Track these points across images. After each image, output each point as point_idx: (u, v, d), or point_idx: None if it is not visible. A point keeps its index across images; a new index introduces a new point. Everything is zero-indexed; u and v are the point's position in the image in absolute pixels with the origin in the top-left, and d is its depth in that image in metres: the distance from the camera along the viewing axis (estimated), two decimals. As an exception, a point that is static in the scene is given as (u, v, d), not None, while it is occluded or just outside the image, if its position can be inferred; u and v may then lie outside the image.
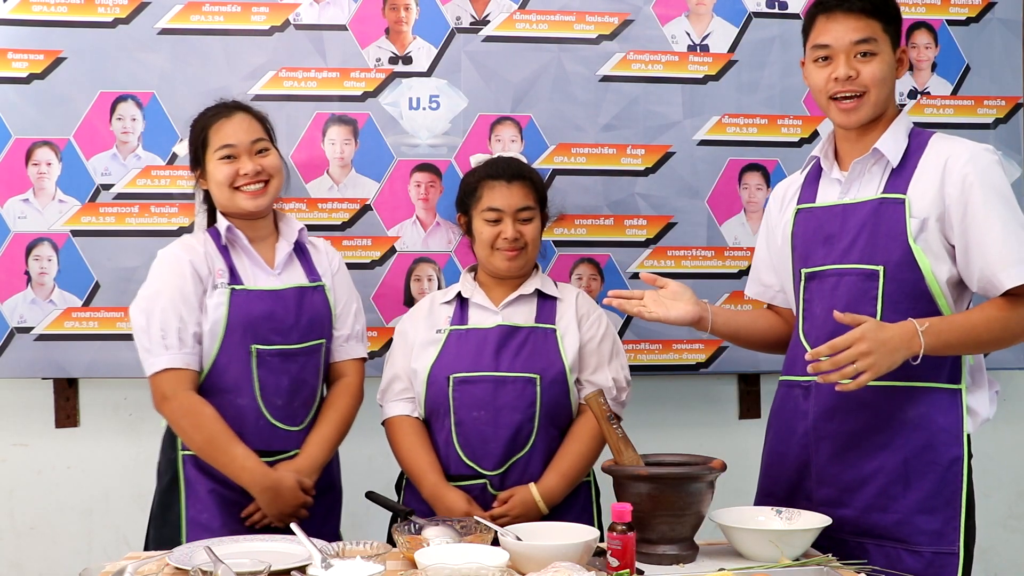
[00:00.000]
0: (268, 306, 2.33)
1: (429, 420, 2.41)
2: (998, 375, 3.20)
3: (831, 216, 2.14)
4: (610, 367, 2.45)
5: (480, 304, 2.44)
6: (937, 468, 2.02)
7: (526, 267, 2.46)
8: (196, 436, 2.26)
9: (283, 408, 2.33)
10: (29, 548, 2.98)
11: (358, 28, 2.94)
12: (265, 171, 2.35)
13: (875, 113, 2.11)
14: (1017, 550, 3.31)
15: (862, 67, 2.08)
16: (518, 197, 2.42)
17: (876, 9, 2.09)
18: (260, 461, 2.27)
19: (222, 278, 2.31)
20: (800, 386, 2.16)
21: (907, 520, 2.02)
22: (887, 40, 2.10)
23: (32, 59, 2.84)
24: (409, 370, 2.42)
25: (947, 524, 2.01)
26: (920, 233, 2.02)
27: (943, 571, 2.00)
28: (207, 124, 2.38)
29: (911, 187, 2.05)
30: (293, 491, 2.26)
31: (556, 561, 1.72)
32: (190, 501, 2.30)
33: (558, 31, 3.00)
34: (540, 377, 2.35)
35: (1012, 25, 3.13)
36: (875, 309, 2.02)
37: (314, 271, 2.44)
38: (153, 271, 2.35)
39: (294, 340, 2.35)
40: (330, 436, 2.38)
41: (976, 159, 2.02)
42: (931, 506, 2.02)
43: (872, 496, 2.05)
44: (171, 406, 2.27)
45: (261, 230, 2.41)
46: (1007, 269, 1.95)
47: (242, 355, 2.30)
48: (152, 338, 2.27)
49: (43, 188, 2.85)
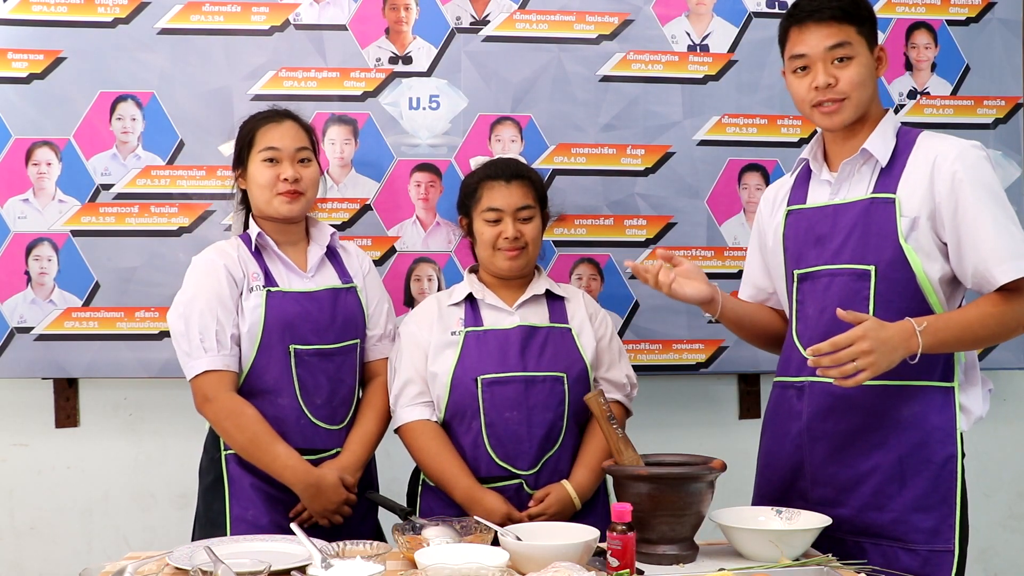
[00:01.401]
0: (304, 307, 2.37)
1: (451, 423, 2.39)
2: (998, 375, 3.23)
3: (822, 217, 2.14)
4: (621, 364, 2.48)
5: (494, 305, 2.44)
6: (932, 466, 2.03)
7: (528, 267, 2.46)
8: (239, 436, 2.29)
9: (323, 407, 2.37)
10: (29, 548, 2.98)
11: (358, 28, 2.94)
12: (303, 181, 2.39)
13: (857, 114, 2.11)
14: (1017, 550, 3.31)
15: (840, 73, 2.09)
16: (518, 196, 2.42)
17: (847, 14, 2.09)
18: (302, 459, 2.29)
19: (257, 280, 2.36)
20: (794, 387, 2.18)
21: (903, 519, 2.03)
22: (863, 42, 2.10)
23: (32, 59, 2.84)
24: (425, 373, 2.40)
25: (943, 522, 2.02)
26: (911, 232, 2.03)
27: (939, 569, 2.01)
28: (256, 126, 2.42)
29: (901, 186, 2.05)
30: (336, 488, 2.29)
31: (556, 561, 1.72)
32: (234, 499, 2.33)
33: (558, 31, 3.00)
34: (566, 375, 2.36)
35: (1012, 25, 3.13)
36: (868, 309, 2.03)
37: (346, 273, 2.48)
38: (188, 277, 2.38)
39: (330, 340, 2.38)
40: (371, 433, 2.41)
41: (964, 156, 2.02)
42: (926, 504, 2.02)
43: (868, 495, 2.06)
44: (213, 407, 2.30)
45: (293, 235, 2.45)
46: (1000, 265, 1.96)
47: (281, 355, 2.33)
48: (191, 342, 2.30)
49: (43, 188, 2.85)
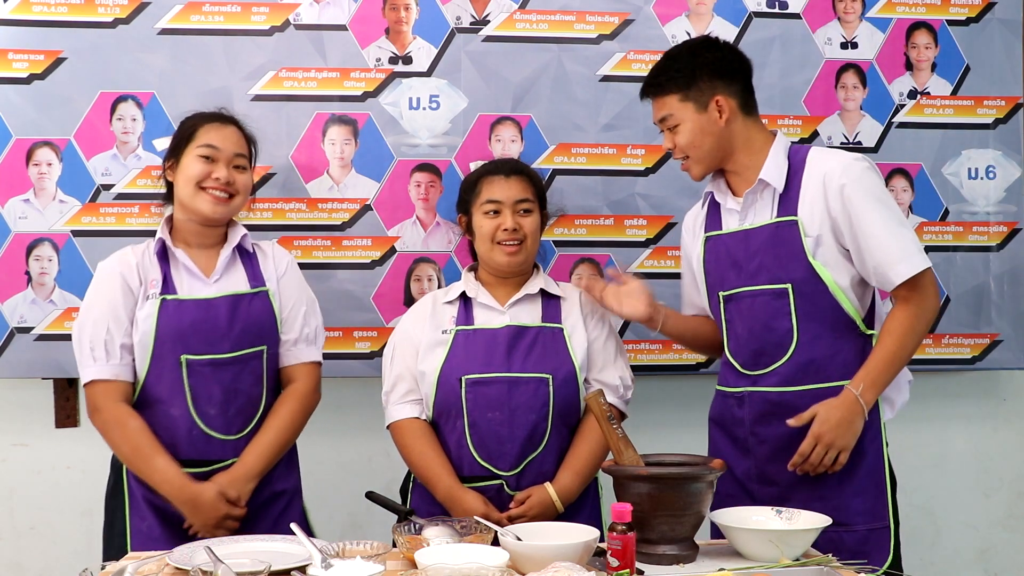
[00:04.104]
0: (197, 316, 2.32)
1: (438, 422, 2.40)
2: (998, 375, 3.24)
3: (736, 242, 2.33)
4: (616, 365, 2.47)
5: (485, 304, 2.44)
6: (864, 456, 2.23)
7: (526, 263, 2.46)
8: (123, 447, 2.30)
9: (217, 417, 2.32)
10: (29, 548, 2.98)
11: (358, 28, 2.94)
12: (235, 185, 2.37)
13: (705, 165, 2.32)
14: (1017, 550, 3.31)
15: (675, 139, 2.31)
16: (517, 190, 2.43)
17: (662, 87, 2.31)
18: (181, 473, 2.27)
19: (154, 288, 2.34)
20: (734, 396, 2.35)
21: (843, 505, 2.20)
22: (689, 107, 2.28)
23: (32, 59, 2.84)
24: (415, 371, 2.41)
25: (876, 501, 2.23)
26: (817, 248, 2.22)
27: (878, 545, 2.21)
28: (199, 123, 2.40)
29: (800, 208, 2.24)
30: (213, 503, 2.25)
31: (556, 561, 1.72)
32: (133, 510, 2.33)
33: (558, 31, 3.00)
34: (552, 377, 2.35)
35: (1012, 25, 3.13)
36: (791, 322, 2.24)
37: (258, 276, 2.42)
38: (90, 285, 2.39)
39: (225, 349, 2.33)
40: (268, 444, 2.34)
41: (848, 170, 2.21)
42: (861, 488, 2.23)
43: (811, 489, 2.23)
44: (101, 417, 2.31)
45: (210, 238, 2.41)
46: (895, 267, 2.18)
47: (172, 365, 2.30)
48: (82, 351, 2.33)
49: (43, 188, 2.85)
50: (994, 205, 3.13)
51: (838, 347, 2.24)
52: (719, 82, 2.29)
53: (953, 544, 3.28)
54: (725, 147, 2.31)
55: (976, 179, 3.13)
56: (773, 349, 2.26)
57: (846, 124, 3.09)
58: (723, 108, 2.28)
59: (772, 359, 2.27)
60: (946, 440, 3.27)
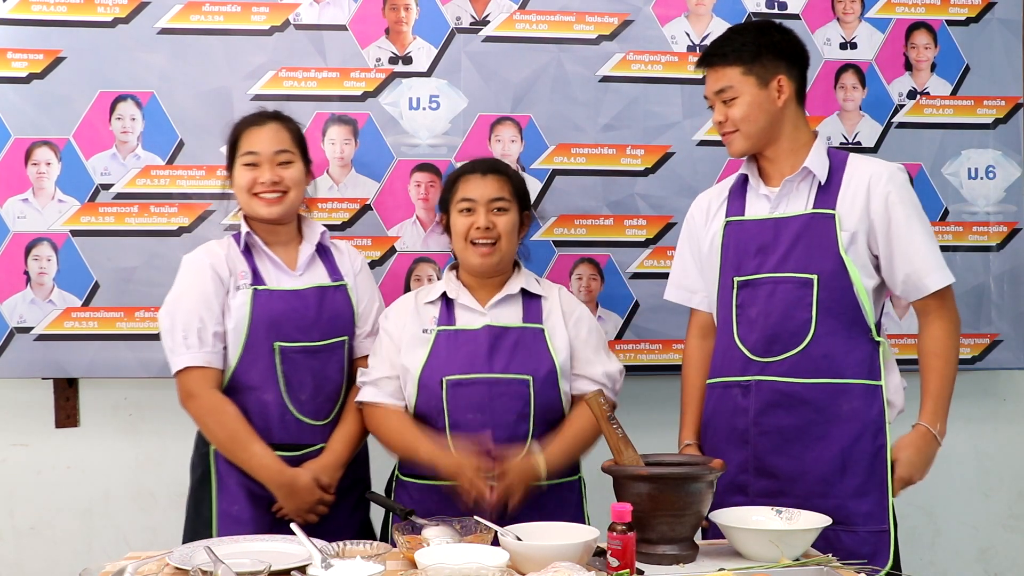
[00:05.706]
0: (289, 305, 2.39)
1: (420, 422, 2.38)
2: (998, 375, 3.24)
3: (763, 228, 2.33)
4: (599, 359, 2.44)
5: (466, 305, 2.42)
6: (867, 457, 2.24)
7: (501, 264, 2.44)
8: (218, 433, 2.35)
9: (308, 403, 2.39)
10: (29, 548, 2.98)
11: (358, 28, 2.94)
12: (283, 182, 2.41)
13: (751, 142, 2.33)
14: (1017, 550, 3.31)
15: (728, 111, 2.31)
16: (492, 188, 2.42)
17: (726, 57, 2.31)
18: (277, 458, 2.32)
19: (244, 279, 2.39)
20: (739, 385, 2.33)
21: (843, 504, 2.21)
22: (751, 82, 2.30)
23: (32, 59, 2.84)
24: (398, 366, 2.39)
25: (878, 505, 2.24)
26: (850, 245, 2.26)
27: (878, 547, 2.22)
28: (240, 130, 2.46)
29: (839, 203, 2.27)
30: (309, 489, 2.32)
31: (556, 561, 1.72)
32: (221, 495, 2.37)
33: (558, 31, 3.00)
34: (532, 378, 2.34)
35: (1012, 25, 3.13)
36: (810, 314, 2.25)
37: (336, 271, 2.50)
38: (178, 276, 2.43)
39: (316, 337, 2.40)
40: (354, 433, 2.43)
41: (894, 179, 2.28)
42: (864, 490, 2.24)
43: (812, 484, 2.24)
44: (196, 403, 2.35)
45: (282, 235, 2.47)
46: (931, 275, 2.26)
47: (266, 352, 2.36)
48: (175, 339, 2.36)
49: (42, 188, 2.85)
50: (994, 205, 3.14)
51: (851, 346, 2.25)
52: (783, 63, 2.32)
53: (953, 544, 3.29)
54: (776, 128, 2.32)
55: (976, 179, 3.13)
56: (788, 337, 2.27)
57: (845, 124, 3.09)
58: (783, 89, 2.31)
59: (785, 347, 2.27)
60: (946, 440, 3.26)
